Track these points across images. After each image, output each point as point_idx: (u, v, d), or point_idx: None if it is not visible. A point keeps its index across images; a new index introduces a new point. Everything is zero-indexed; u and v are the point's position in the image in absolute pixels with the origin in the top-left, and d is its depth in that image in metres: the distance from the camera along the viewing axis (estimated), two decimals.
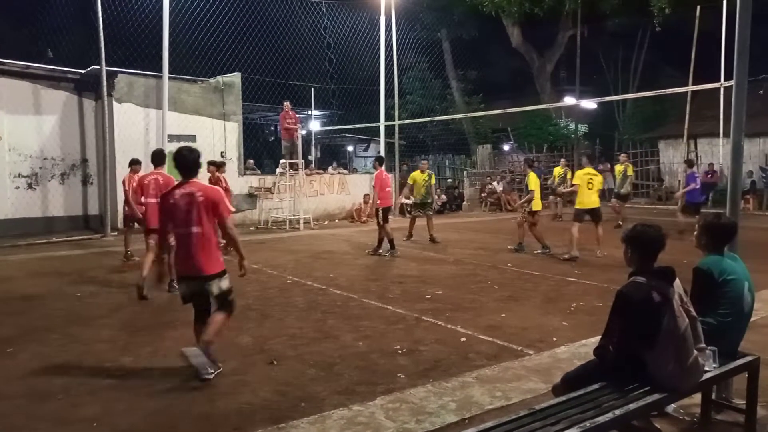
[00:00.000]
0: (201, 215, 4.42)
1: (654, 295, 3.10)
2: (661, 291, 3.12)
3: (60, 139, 13.49)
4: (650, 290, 3.12)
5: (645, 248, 3.28)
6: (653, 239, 3.27)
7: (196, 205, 4.42)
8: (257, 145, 23.66)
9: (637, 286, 3.18)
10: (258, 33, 18.93)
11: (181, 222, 4.45)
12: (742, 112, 4.28)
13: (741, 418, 3.63)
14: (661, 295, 3.11)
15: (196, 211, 4.42)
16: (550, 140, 24.64)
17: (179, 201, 4.45)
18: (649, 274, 3.21)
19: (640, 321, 3.12)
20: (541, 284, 7.97)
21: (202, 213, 4.42)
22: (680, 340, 3.09)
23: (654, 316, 3.08)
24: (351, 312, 6.53)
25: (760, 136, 20.02)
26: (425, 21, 25.23)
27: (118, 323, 6.13)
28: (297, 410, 3.95)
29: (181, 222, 4.45)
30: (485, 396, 4.13)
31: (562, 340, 5.41)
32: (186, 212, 4.43)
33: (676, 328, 3.09)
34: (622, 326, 3.17)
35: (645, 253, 3.28)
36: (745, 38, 4.23)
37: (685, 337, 3.11)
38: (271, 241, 12.59)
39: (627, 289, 3.19)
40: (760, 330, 5.57)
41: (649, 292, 3.11)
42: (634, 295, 3.15)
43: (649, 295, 3.10)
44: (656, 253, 3.27)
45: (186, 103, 14.64)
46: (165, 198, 4.59)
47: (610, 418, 2.82)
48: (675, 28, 21.22)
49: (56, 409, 4.03)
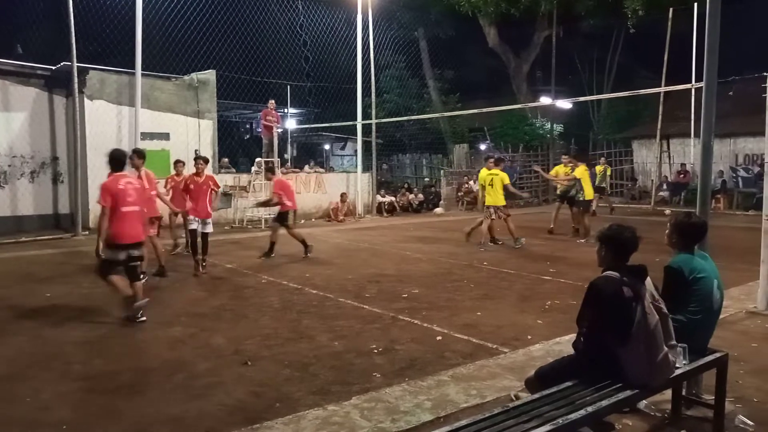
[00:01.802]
0: None
1: (625, 290, 3.15)
2: (633, 287, 3.18)
3: (30, 136, 13.19)
4: (621, 285, 3.17)
5: (618, 249, 3.33)
6: (628, 240, 3.32)
7: None
8: (232, 143, 23.40)
9: (609, 279, 3.24)
10: (233, 30, 18.77)
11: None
12: (712, 114, 4.36)
13: (710, 414, 3.69)
14: (633, 291, 3.16)
15: None
16: (526, 140, 24.83)
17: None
18: (622, 270, 3.26)
19: (611, 315, 3.17)
20: (516, 283, 8.03)
21: None
22: (650, 336, 3.14)
23: (625, 311, 3.13)
24: (327, 312, 6.50)
25: (731, 137, 20.40)
26: (402, 20, 25.22)
27: (89, 324, 6.02)
28: (271, 411, 3.92)
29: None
30: (460, 394, 4.15)
31: (537, 338, 5.46)
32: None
33: (647, 325, 3.14)
34: (593, 317, 3.22)
35: (618, 254, 3.33)
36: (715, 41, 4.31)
37: (654, 333, 3.16)
38: (246, 240, 12.49)
39: (599, 281, 3.25)
40: (729, 327, 5.69)
41: (620, 287, 3.17)
42: (605, 288, 3.20)
43: (620, 289, 3.16)
44: (628, 254, 3.32)
45: (159, 101, 14.44)
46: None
47: (583, 414, 2.85)
48: (648, 30, 21.56)
49: (25, 412, 3.94)
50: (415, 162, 26.04)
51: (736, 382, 4.27)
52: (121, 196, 6.02)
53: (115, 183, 6.07)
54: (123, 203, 6.01)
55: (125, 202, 6.03)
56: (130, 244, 6.09)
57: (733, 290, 6.80)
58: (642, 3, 20.74)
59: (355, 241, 12.30)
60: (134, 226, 6.16)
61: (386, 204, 18.32)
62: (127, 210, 6.04)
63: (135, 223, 6.17)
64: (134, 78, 13.10)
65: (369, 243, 11.87)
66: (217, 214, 15.06)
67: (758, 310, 6.34)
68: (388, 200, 18.59)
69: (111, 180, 6.14)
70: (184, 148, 14.66)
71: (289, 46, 21.36)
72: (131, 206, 6.11)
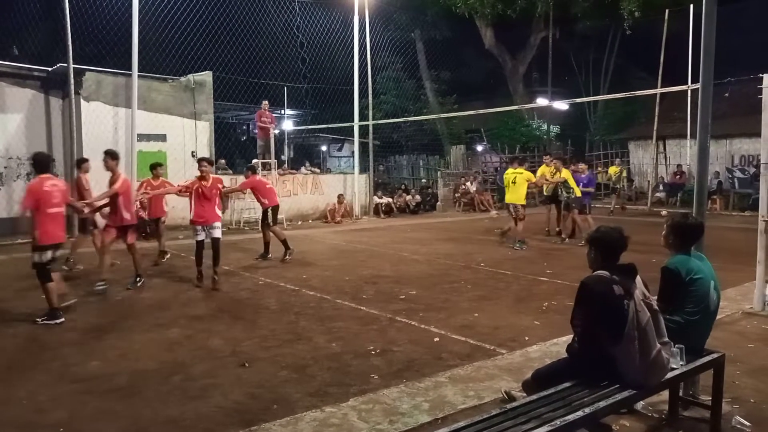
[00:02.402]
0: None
1: (615, 288, 3.18)
2: (624, 285, 3.20)
3: (26, 138, 13.15)
4: (612, 284, 3.20)
5: (607, 249, 3.37)
6: (615, 240, 3.36)
7: None
8: (229, 144, 23.38)
9: (600, 278, 3.27)
10: (230, 31, 18.72)
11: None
12: (708, 115, 4.38)
13: (707, 414, 3.70)
14: (624, 288, 3.19)
15: None
16: (523, 141, 24.87)
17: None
18: (612, 269, 3.29)
19: (603, 313, 3.19)
20: (513, 284, 8.04)
21: None
22: (642, 333, 3.16)
23: (617, 308, 3.15)
24: (324, 313, 6.50)
25: (727, 138, 20.46)
26: (399, 21, 25.23)
27: (85, 326, 6.01)
28: (269, 412, 3.91)
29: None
30: (458, 396, 4.15)
31: (534, 339, 5.46)
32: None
33: (639, 322, 3.16)
34: (586, 317, 3.23)
35: (607, 254, 3.36)
36: (711, 43, 4.33)
37: (646, 330, 3.18)
38: (243, 241, 12.46)
39: (589, 280, 3.28)
40: (726, 327, 5.71)
41: (611, 285, 3.19)
42: (596, 286, 3.23)
43: (611, 287, 3.19)
44: (617, 255, 3.34)
45: (156, 102, 14.41)
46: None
47: (580, 416, 2.86)
48: (644, 32, 21.62)
49: (21, 413, 3.93)
50: (412, 163, 26.01)
51: (733, 383, 4.29)
52: (47, 198, 6.12)
53: (40, 185, 6.15)
54: (48, 205, 6.13)
55: (50, 203, 6.15)
56: (55, 244, 6.23)
57: (729, 291, 6.82)
58: (638, 4, 20.79)
59: (352, 242, 12.30)
60: (59, 227, 6.30)
61: (383, 205, 18.31)
62: (52, 211, 6.18)
63: (60, 224, 6.33)
64: (131, 79, 13.07)
65: (366, 244, 11.86)
66: None
67: (754, 310, 6.36)
68: (385, 201, 18.57)
69: (36, 182, 6.21)
70: (181, 150, 14.65)
71: (285, 47, 21.33)
72: (56, 207, 6.25)
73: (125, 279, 8.00)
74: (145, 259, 9.08)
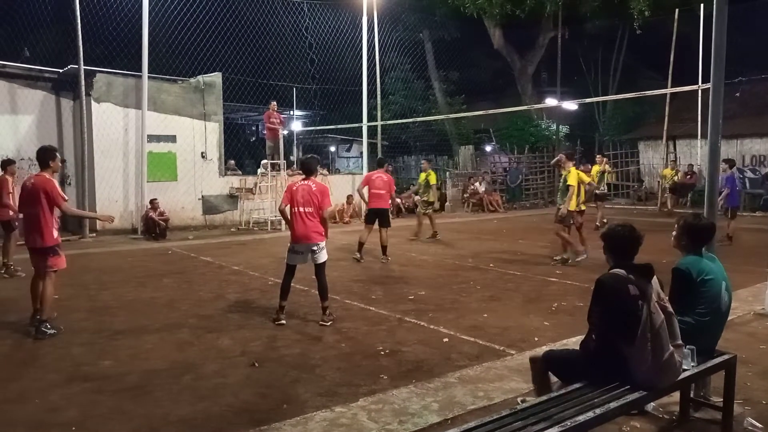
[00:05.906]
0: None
1: (631, 288, 3.17)
2: (639, 285, 3.19)
3: (37, 139, 13.24)
4: (627, 283, 3.19)
5: (618, 247, 3.38)
6: (623, 238, 3.37)
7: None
8: (238, 145, 23.46)
9: (615, 276, 3.26)
10: (239, 32, 18.78)
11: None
12: (719, 115, 4.35)
13: (718, 416, 3.68)
14: (639, 289, 3.18)
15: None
16: (532, 141, 24.80)
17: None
18: (628, 268, 3.28)
19: (618, 312, 3.18)
20: (522, 284, 8.02)
21: None
22: (655, 335, 3.15)
23: (632, 308, 3.14)
24: (333, 313, 6.50)
25: (737, 138, 20.32)
26: (407, 22, 25.23)
27: (96, 326, 6.05)
28: (279, 412, 3.92)
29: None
30: (468, 396, 4.15)
31: (544, 339, 5.45)
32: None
33: (653, 324, 3.15)
34: (601, 315, 3.24)
35: (619, 252, 3.37)
36: (722, 43, 4.30)
37: (659, 333, 3.16)
38: (253, 242, 12.51)
39: (605, 278, 3.28)
40: (737, 329, 5.67)
41: (626, 285, 3.19)
42: (612, 283, 3.23)
43: (626, 287, 3.18)
44: (630, 252, 3.34)
45: (166, 103, 14.50)
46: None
47: (591, 416, 2.85)
48: (654, 31, 21.50)
49: (33, 413, 3.96)
50: (420, 164, 26.01)
51: (745, 384, 4.26)
52: None
53: None
54: None
55: None
56: None
57: (740, 292, 6.77)
58: (647, 4, 20.68)
59: None
60: None
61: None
62: None
63: None
64: (141, 81, 13.17)
65: (374, 245, 11.84)
66: (222, 216, 15.18)
67: (766, 311, 6.31)
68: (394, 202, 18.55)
69: None
70: (191, 151, 14.73)
71: (294, 48, 21.39)
72: None
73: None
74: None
